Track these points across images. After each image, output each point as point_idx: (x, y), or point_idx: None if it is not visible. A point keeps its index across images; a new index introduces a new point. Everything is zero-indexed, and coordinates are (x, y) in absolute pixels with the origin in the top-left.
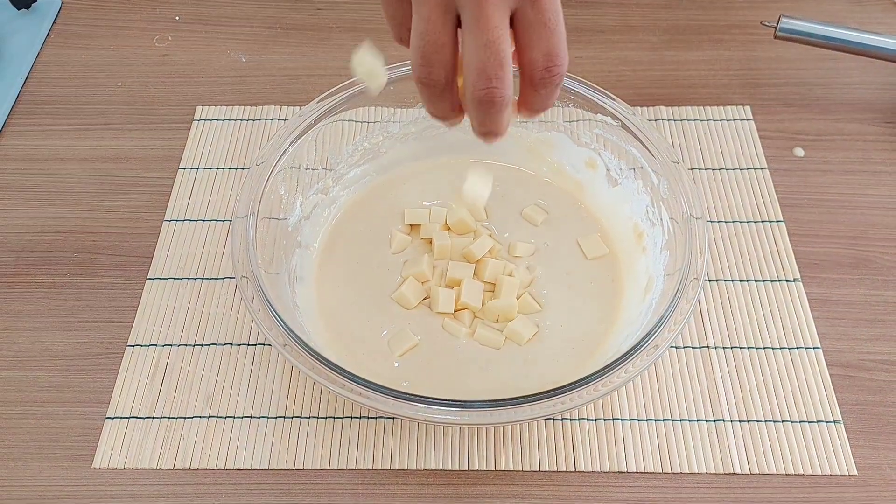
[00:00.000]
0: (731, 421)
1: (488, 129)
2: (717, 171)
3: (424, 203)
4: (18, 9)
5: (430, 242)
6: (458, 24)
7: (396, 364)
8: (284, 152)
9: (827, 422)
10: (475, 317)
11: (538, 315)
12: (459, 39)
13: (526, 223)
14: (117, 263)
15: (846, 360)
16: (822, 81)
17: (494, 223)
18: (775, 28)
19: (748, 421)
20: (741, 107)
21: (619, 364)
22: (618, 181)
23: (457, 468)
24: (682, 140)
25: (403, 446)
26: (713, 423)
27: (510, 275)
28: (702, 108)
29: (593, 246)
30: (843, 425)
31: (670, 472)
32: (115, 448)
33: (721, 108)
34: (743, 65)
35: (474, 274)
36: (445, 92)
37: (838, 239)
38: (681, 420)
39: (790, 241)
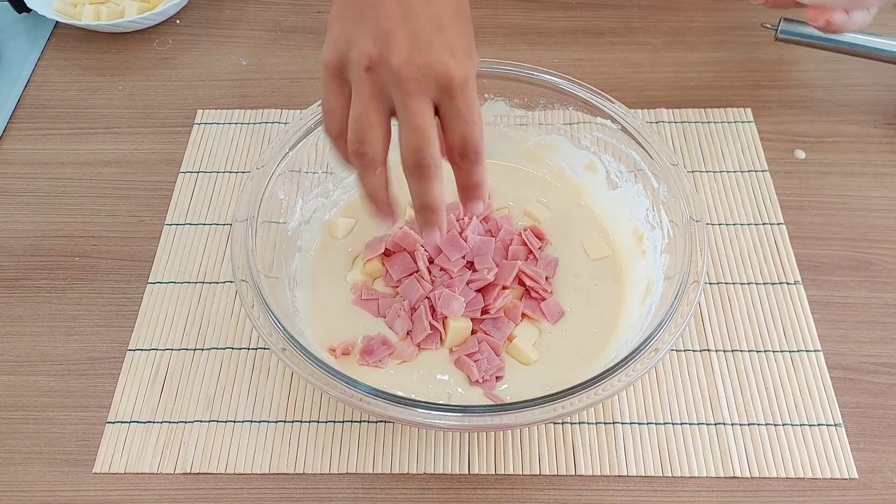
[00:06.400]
0: (732, 424)
1: (424, 200)
2: (718, 173)
3: None
4: (19, 12)
5: None
6: (392, 112)
7: (395, 370)
8: (285, 156)
9: (828, 425)
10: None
11: (540, 322)
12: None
13: (530, 221)
14: (118, 268)
15: (847, 362)
16: (822, 83)
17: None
18: (776, 30)
19: (748, 424)
20: (742, 109)
21: (620, 368)
22: (618, 184)
23: (457, 472)
24: (682, 142)
25: (404, 450)
26: (713, 426)
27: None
28: (702, 110)
29: (597, 246)
30: (843, 428)
31: (670, 475)
32: (116, 453)
33: (722, 110)
34: (744, 67)
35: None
36: (376, 169)
37: (839, 241)
38: (681, 423)
39: (791, 243)
